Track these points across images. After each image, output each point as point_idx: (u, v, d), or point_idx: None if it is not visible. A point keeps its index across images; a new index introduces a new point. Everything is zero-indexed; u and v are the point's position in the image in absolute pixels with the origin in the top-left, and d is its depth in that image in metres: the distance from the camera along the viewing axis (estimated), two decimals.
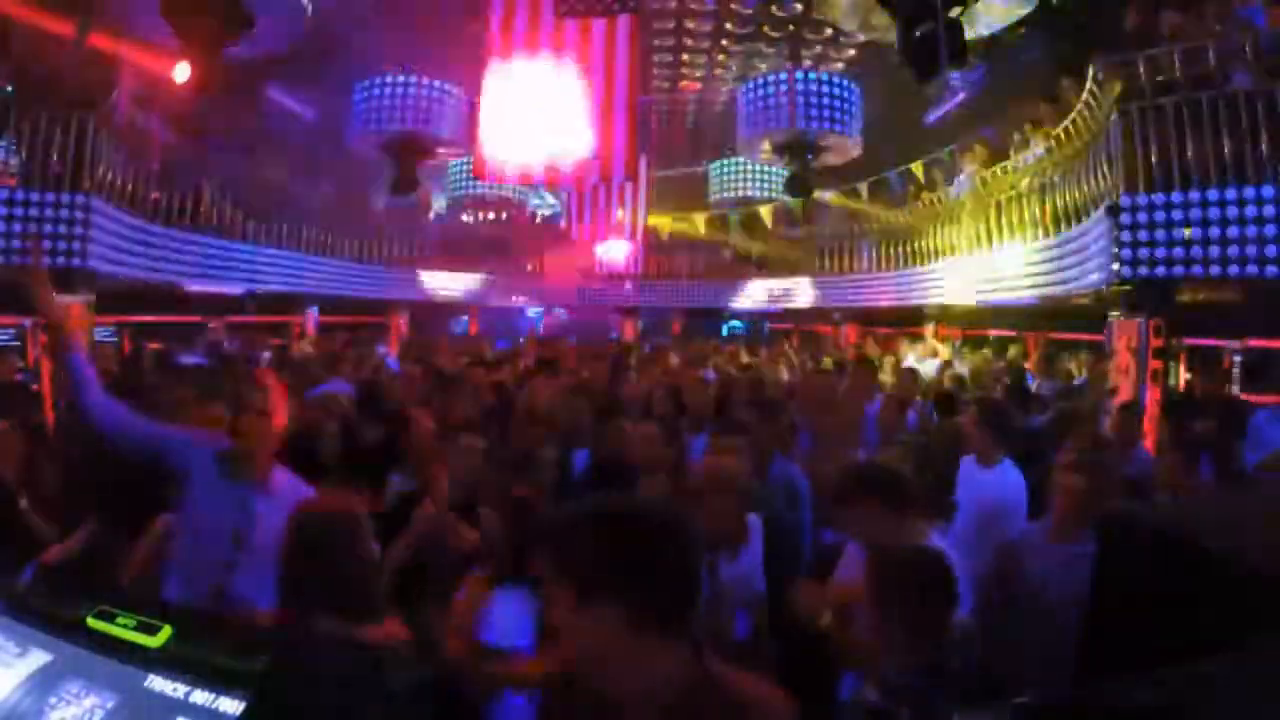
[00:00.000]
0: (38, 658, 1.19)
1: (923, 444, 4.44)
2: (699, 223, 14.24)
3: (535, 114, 6.43)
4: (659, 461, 3.58)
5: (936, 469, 3.87)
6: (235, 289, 10.07)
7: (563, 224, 14.16)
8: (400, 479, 3.36)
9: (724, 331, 15.87)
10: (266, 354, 8.44)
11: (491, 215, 16.18)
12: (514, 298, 15.30)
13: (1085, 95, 6.87)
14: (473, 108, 10.20)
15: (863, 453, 4.23)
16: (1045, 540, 2.66)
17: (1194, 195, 5.88)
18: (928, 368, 8.28)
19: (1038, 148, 8.63)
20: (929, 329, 11.48)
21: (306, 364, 7.04)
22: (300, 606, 1.79)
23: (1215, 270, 5.80)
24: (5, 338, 7.79)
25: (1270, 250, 5.61)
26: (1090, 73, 6.53)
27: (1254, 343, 6.98)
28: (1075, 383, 7.64)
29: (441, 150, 10.56)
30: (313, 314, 11.93)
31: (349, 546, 1.86)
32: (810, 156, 9.98)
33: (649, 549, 1.18)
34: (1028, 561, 2.66)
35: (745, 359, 9.12)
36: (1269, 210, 5.63)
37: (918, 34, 5.60)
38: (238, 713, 1.09)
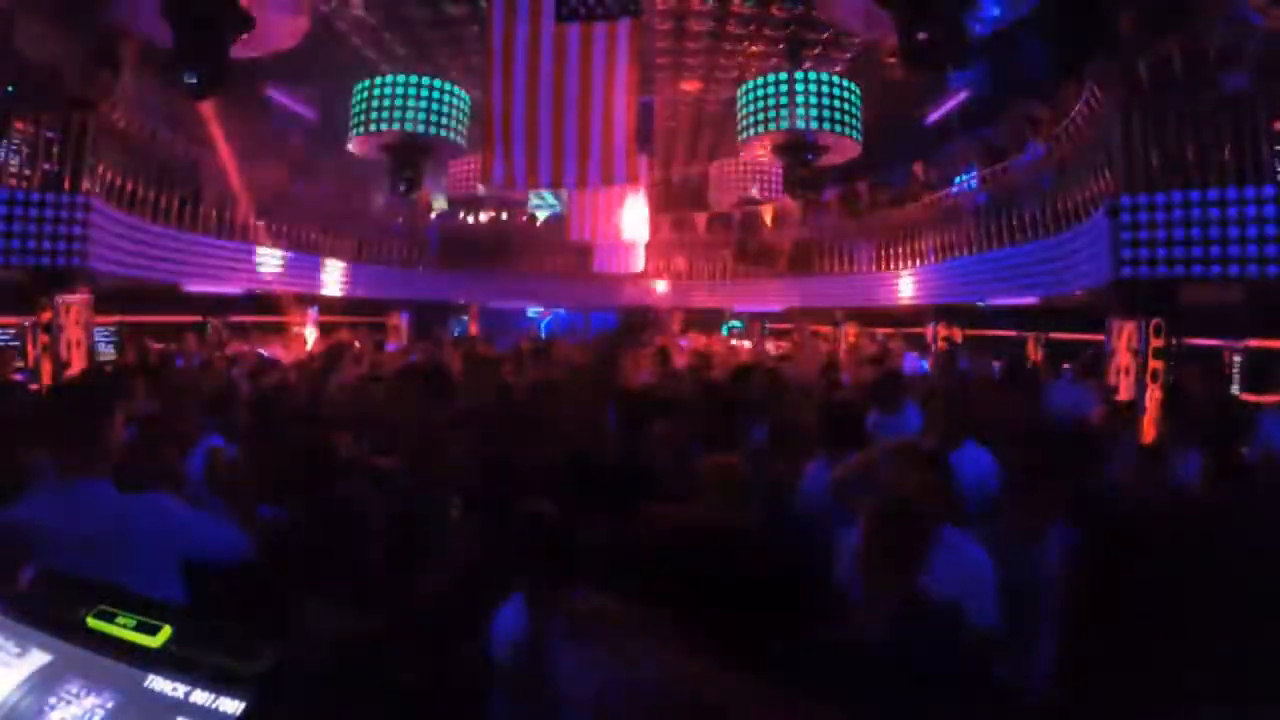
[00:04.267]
0: (38, 658, 1.19)
1: None
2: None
3: (539, 119, 6.45)
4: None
5: None
6: (235, 289, 10.08)
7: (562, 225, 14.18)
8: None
9: (724, 331, 15.87)
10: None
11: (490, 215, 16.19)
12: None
13: (1085, 95, 6.87)
14: (474, 109, 10.25)
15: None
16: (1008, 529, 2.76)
17: (1194, 195, 5.89)
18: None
19: (1038, 147, 8.63)
20: (929, 329, 11.48)
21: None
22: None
23: (1215, 270, 5.80)
24: (5, 338, 7.79)
25: (1270, 250, 5.61)
26: (1090, 72, 6.52)
27: (1254, 343, 6.99)
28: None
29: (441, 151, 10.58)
30: (312, 314, 11.94)
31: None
32: (810, 157, 9.98)
33: (718, 572, 1.16)
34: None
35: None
36: (1269, 210, 5.63)
37: (919, 34, 5.61)
38: (238, 713, 1.09)
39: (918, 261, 11.27)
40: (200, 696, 1.10)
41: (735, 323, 16.15)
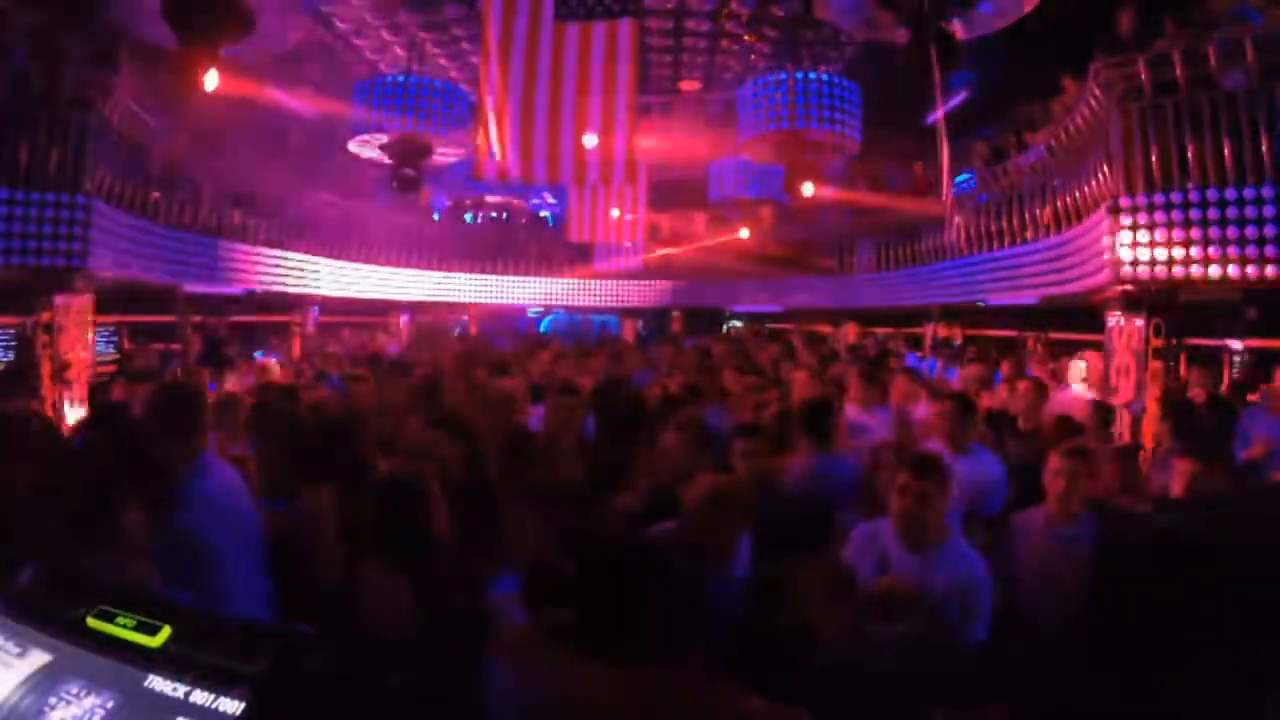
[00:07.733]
0: (38, 658, 1.18)
1: None
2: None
3: (536, 116, 6.43)
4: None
5: None
6: (234, 289, 10.07)
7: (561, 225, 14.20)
8: None
9: (724, 331, 15.85)
10: None
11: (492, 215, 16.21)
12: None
13: (1085, 95, 6.86)
14: (472, 108, 10.24)
15: None
16: (1042, 524, 2.89)
17: (1194, 195, 5.88)
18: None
19: (1038, 147, 8.63)
20: (929, 329, 11.47)
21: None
22: None
23: (1215, 270, 5.80)
24: (5, 338, 7.79)
25: (1270, 250, 5.61)
26: (1090, 72, 6.52)
27: (1254, 343, 6.99)
28: None
29: (441, 150, 10.56)
30: (313, 313, 11.94)
31: None
32: (809, 156, 9.97)
33: (637, 596, 1.20)
34: (1025, 543, 2.80)
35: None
36: (1269, 210, 5.63)
37: (915, 32, 5.62)
38: (238, 713, 1.09)
39: (917, 262, 11.27)
40: (200, 696, 1.10)
41: (735, 323, 16.14)
